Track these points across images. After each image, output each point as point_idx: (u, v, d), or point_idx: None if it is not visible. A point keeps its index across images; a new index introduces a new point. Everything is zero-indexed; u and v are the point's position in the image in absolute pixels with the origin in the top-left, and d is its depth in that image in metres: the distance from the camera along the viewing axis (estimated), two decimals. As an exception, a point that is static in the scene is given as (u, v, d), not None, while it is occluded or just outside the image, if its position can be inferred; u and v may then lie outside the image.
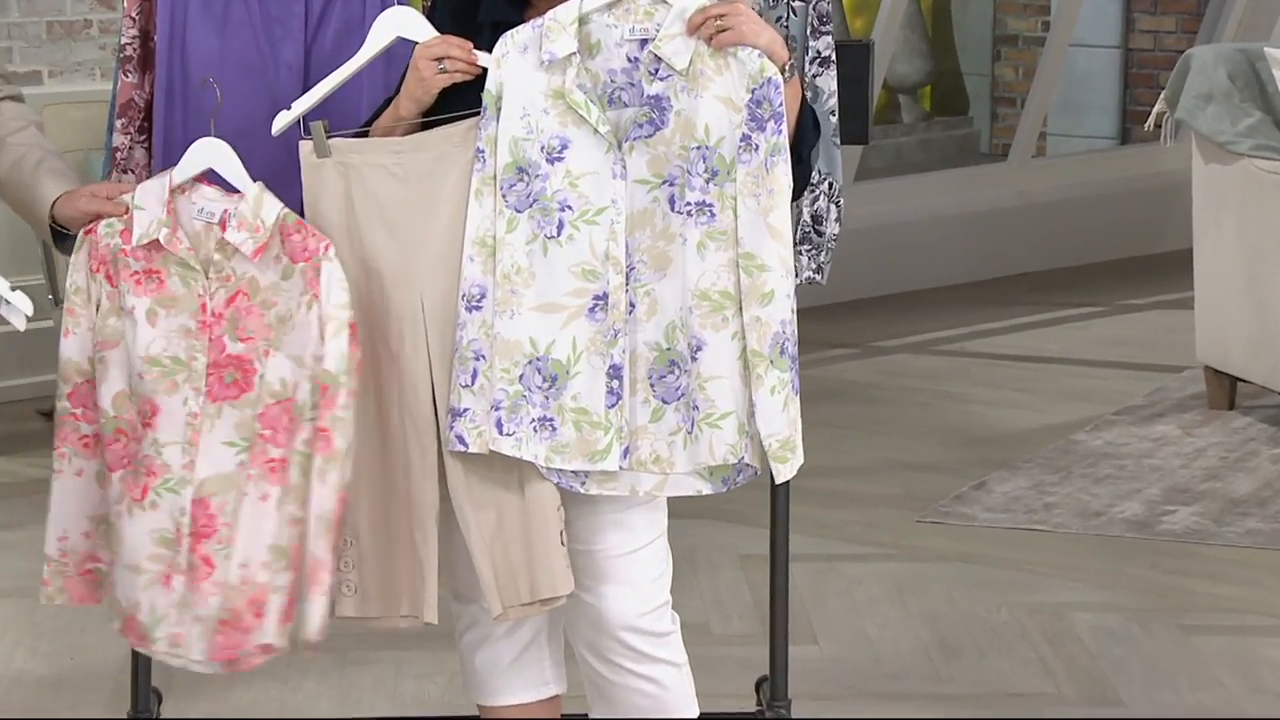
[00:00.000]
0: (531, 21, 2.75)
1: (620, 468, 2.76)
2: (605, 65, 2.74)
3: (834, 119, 3.43)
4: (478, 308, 2.76)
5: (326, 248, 2.81)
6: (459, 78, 2.76)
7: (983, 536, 4.72)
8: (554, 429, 2.76)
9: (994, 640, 4.09)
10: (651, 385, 2.77)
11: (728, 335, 2.75)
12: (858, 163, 7.09)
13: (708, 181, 2.73)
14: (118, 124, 3.17)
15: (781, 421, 2.74)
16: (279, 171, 2.95)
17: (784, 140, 2.71)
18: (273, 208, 2.82)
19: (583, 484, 2.78)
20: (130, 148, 3.13)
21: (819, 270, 3.53)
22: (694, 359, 2.74)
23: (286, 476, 2.82)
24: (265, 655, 2.83)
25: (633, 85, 2.74)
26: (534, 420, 2.76)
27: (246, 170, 2.85)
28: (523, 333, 2.76)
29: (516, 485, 2.80)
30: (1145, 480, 5.11)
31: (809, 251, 3.50)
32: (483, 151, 2.76)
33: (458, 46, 2.76)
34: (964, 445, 5.45)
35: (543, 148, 2.74)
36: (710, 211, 2.73)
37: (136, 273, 2.84)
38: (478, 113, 2.78)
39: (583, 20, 2.74)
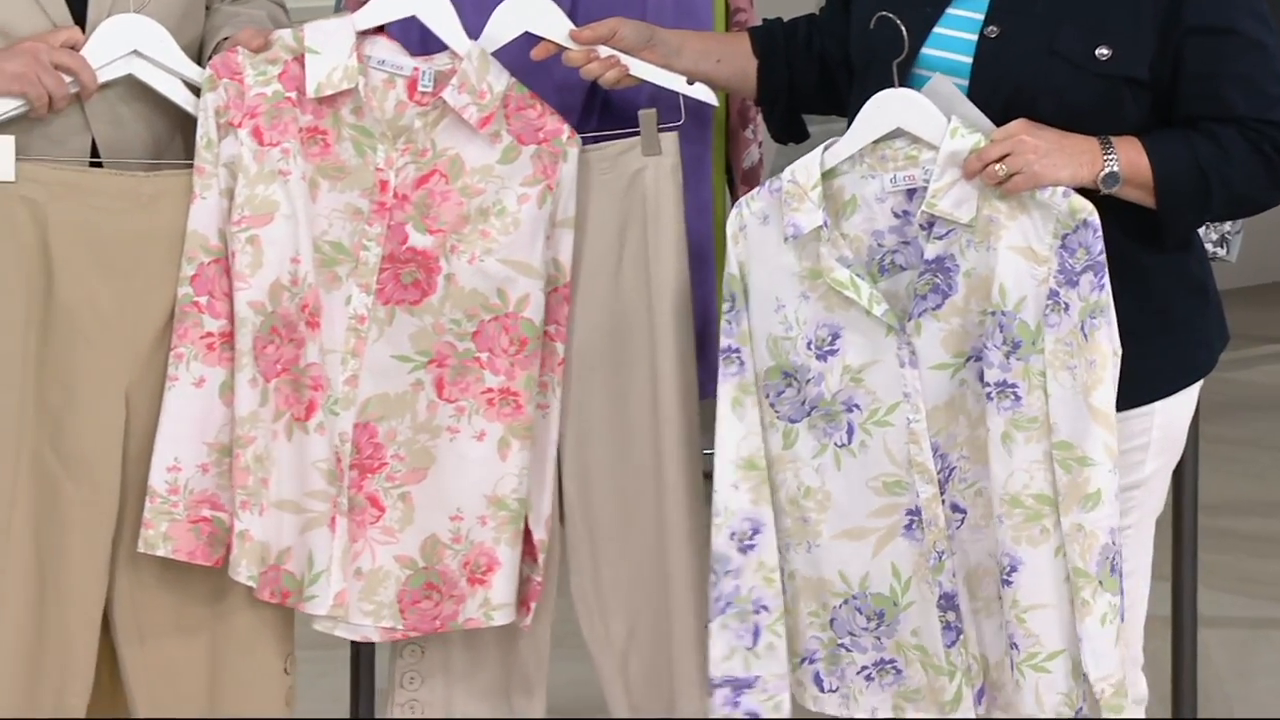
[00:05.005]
0: (767, 184, 2.81)
1: (978, 713, 2.82)
2: (868, 226, 2.78)
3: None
4: (752, 546, 2.84)
5: (571, 134, 2.87)
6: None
7: None
8: (899, 671, 2.85)
9: None
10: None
11: (1049, 550, 2.76)
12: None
13: (1008, 356, 2.73)
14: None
15: (1114, 660, 2.75)
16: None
17: (1107, 297, 2.69)
18: (500, 73, 2.87)
19: None
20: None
21: (1222, 242, 3.51)
22: (1008, 582, 2.76)
23: (515, 413, 2.85)
24: (468, 627, 2.89)
25: (906, 244, 2.77)
26: (866, 668, 2.85)
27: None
28: (828, 568, 2.84)
29: None
30: None
31: (1206, 217, 3.49)
32: (737, 351, 2.81)
33: (599, 60, 2.89)
34: None
35: (809, 343, 2.79)
36: (1014, 394, 2.73)
37: (304, 130, 2.85)
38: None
39: (829, 174, 2.78)
